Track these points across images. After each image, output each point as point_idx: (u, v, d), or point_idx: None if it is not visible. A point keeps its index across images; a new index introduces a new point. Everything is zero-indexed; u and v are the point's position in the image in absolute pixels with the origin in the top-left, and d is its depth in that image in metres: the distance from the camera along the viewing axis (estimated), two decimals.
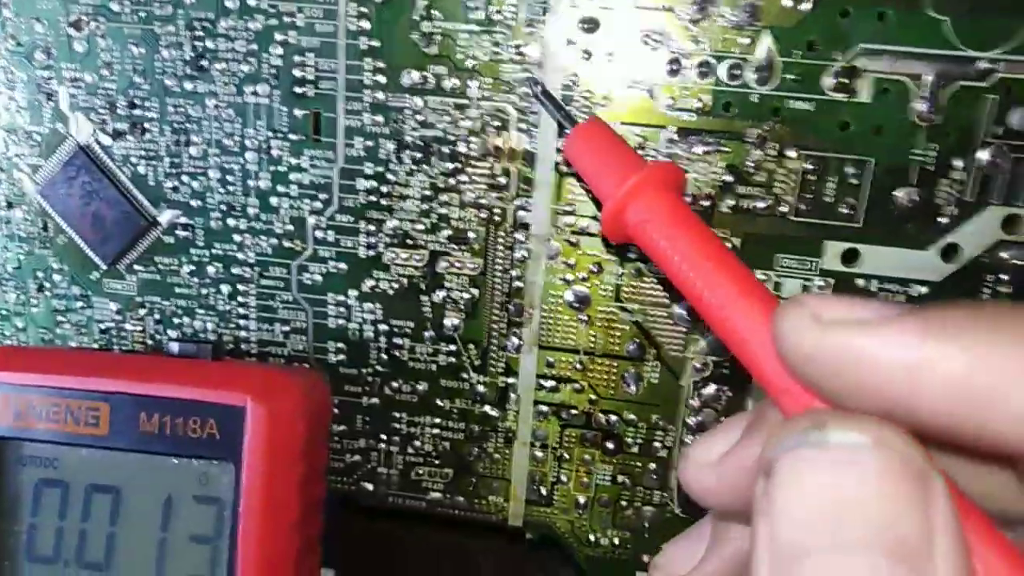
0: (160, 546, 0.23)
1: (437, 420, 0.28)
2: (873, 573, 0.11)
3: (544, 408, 0.27)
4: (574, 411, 0.27)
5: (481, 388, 0.27)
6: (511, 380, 0.27)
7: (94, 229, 0.27)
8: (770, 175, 0.24)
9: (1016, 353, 0.12)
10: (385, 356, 0.27)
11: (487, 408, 0.27)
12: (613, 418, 0.27)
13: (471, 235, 0.26)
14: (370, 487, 0.29)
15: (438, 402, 0.28)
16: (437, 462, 0.28)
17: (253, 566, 0.23)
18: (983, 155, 0.23)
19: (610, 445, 0.27)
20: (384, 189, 0.26)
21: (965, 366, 0.12)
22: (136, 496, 0.23)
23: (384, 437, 0.28)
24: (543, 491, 0.28)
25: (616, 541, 0.28)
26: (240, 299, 0.27)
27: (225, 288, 0.27)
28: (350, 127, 0.25)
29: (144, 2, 0.25)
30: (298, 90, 0.25)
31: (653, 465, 0.27)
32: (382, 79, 0.25)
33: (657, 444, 0.27)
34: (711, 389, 0.26)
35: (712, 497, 0.18)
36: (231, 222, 0.27)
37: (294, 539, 0.24)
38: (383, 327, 0.27)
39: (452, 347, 0.27)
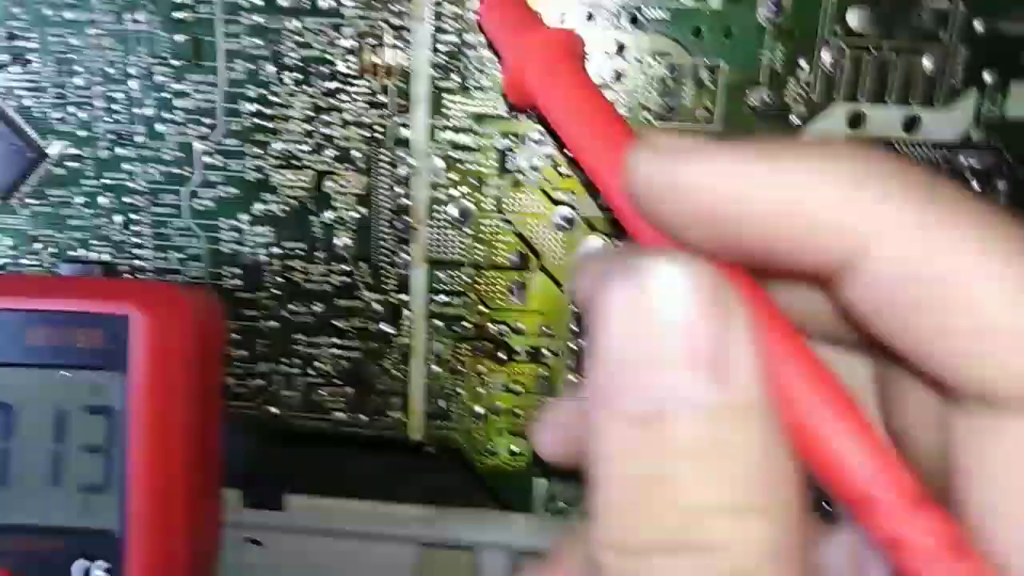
0: (54, 458, 0.24)
1: (335, 340, 0.29)
2: (678, 387, 0.13)
3: (438, 323, 0.28)
4: (466, 324, 0.28)
5: (376, 306, 0.28)
6: (404, 297, 0.28)
7: None
8: (631, 82, 0.25)
9: (834, 181, 0.13)
10: (280, 279, 0.28)
11: (383, 325, 0.28)
12: (503, 328, 0.28)
13: (355, 154, 0.27)
14: (274, 410, 0.29)
15: (335, 322, 0.28)
16: (338, 382, 0.29)
17: (144, 474, 0.24)
18: (825, 55, 0.25)
19: (502, 355, 0.28)
20: (268, 111, 0.26)
21: (793, 190, 0.13)
22: (28, 410, 0.24)
23: (285, 360, 0.29)
24: (441, 405, 0.29)
25: (514, 449, 0.29)
26: (134, 228, 0.28)
27: (118, 218, 0.28)
28: (230, 50, 0.26)
29: None
30: (177, 15, 0.26)
31: (543, 372, 0.28)
32: (259, 1, 0.25)
33: (545, 351, 0.28)
34: None
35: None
36: (120, 151, 0.27)
37: (186, 450, 0.24)
38: (276, 250, 0.28)
39: (344, 267, 0.28)
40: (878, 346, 0.16)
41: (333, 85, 0.26)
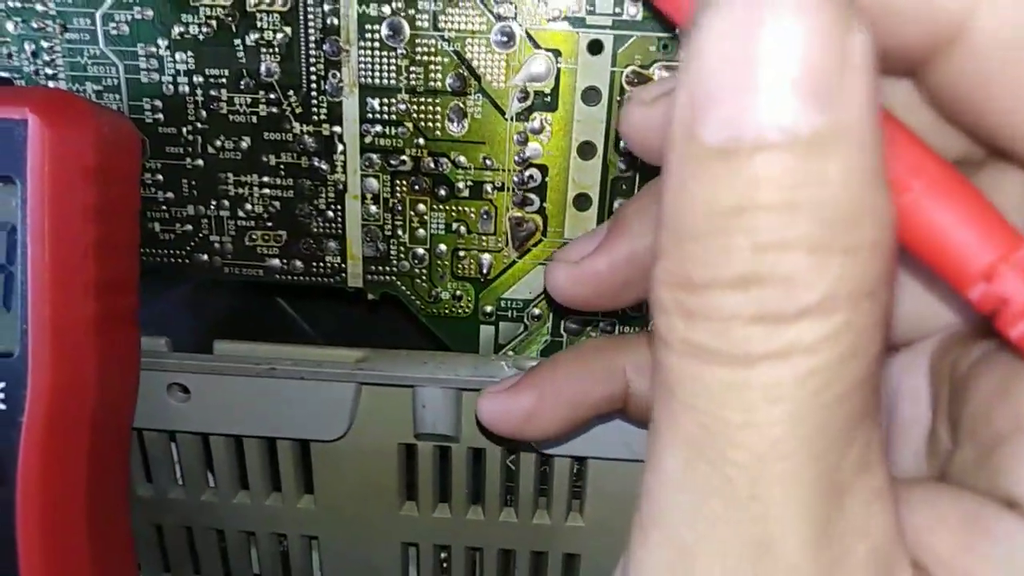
0: None
1: (265, 179, 0.27)
2: (773, 111, 0.11)
3: (372, 156, 0.26)
4: (403, 157, 0.26)
5: (307, 138, 0.26)
6: (336, 128, 0.26)
7: None
8: None
9: None
10: (203, 112, 0.26)
11: (314, 161, 0.27)
12: (443, 161, 0.26)
13: None
14: (204, 257, 0.28)
15: (263, 158, 0.27)
16: (270, 224, 0.27)
17: (46, 293, 0.22)
18: None
19: (441, 192, 0.27)
20: None
21: None
22: None
23: (213, 202, 0.27)
24: (380, 247, 0.27)
25: (457, 293, 0.27)
26: (45, 57, 0.26)
27: (28, 46, 0.26)
28: None
29: None
30: None
31: (485, 208, 0.26)
32: None
33: (487, 186, 0.26)
34: (535, 121, 0.26)
35: (648, 133, 0.18)
36: None
37: (90, 271, 0.23)
38: (198, 79, 0.26)
39: (271, 95, 0.26)
40: (973, 137, 0.14)
41: None
